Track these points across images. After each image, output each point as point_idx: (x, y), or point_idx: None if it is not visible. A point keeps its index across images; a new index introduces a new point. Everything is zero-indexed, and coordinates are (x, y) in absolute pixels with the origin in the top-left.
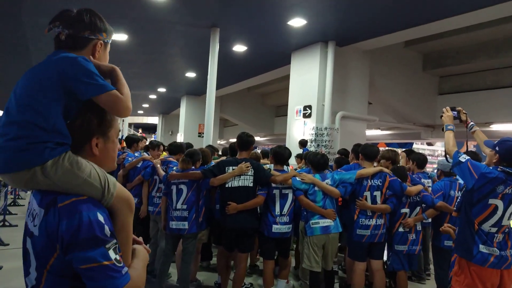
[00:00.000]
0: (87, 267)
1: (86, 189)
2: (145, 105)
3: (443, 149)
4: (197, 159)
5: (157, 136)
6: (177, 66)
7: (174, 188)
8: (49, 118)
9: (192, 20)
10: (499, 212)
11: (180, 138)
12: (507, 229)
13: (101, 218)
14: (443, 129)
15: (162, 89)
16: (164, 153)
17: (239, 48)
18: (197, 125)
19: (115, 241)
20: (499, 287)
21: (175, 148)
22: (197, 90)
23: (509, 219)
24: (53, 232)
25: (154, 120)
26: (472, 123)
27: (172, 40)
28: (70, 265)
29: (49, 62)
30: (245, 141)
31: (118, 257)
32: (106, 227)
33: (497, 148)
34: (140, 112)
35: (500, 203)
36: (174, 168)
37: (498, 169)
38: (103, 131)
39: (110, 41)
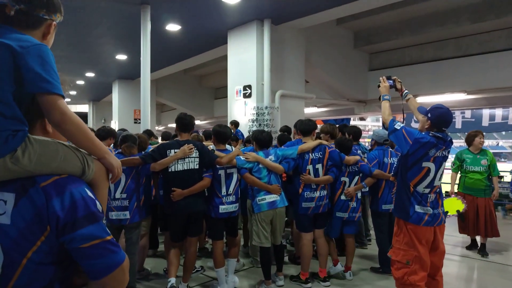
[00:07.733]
0: (90, 245)
1: (66, 168)
2: (72, 93)
3: (373, 124)
4: (135, 143)
5: (88, 125)
6: (105, 48)
7: None
8: (10, 105)
9: None
10: (432, 174)
11: (114, 125)
12: (438, 189)
13: (90, 194)
14: (379, 99)
15: (90, 74)
16: None
17: (173, 27)
18: (132, 111)
19: (104, 215)
20: (433, 242)
21: (104, 133)
22: (130, 74)
23: (439, 180)
24: (40, 213)
25: (83, 108)
26: (406, 91)
27: (99, 19)
28: (58, 249)
29: None
30: (188, 123)
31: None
32: (97, 202)
33: (429, 115)
34: (67, 100)
35: (432, 166)
36: None
37: (430, 134)
38: None
39: None
